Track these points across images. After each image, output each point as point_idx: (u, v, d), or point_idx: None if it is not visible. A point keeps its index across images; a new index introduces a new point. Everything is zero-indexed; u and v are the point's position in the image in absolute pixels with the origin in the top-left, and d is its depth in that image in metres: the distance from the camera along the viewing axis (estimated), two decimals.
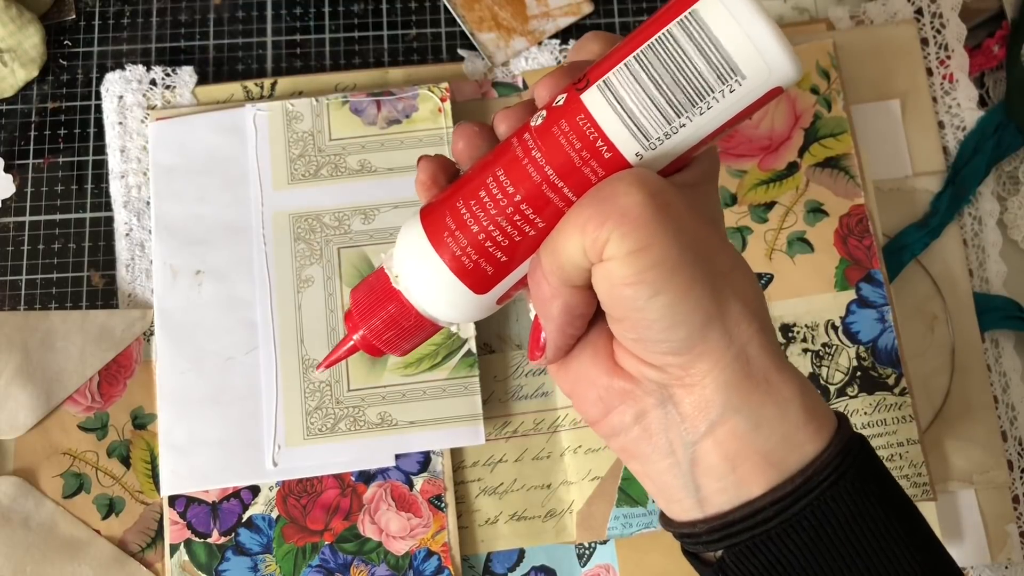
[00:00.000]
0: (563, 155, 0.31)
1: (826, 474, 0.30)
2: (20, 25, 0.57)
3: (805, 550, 0.30)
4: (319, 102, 0.56)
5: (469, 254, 0.33)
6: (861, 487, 0.30)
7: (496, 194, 0.32)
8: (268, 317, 0.54)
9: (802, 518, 0.30)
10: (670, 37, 0.31)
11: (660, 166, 0.32)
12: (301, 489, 0.52)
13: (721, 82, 0.30)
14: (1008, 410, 0.55)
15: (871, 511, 0.30)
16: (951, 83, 0.58)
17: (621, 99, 0.31)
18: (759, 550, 0.31)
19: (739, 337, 0.30)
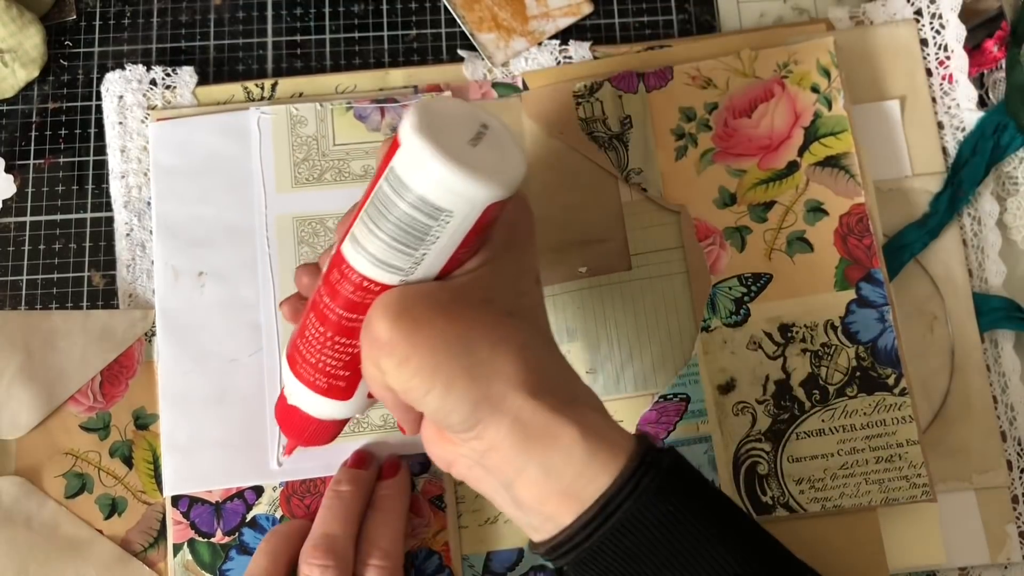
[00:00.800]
0: (344, 297, 0.38)
1: (623, 496, 0.36)
2: (21, 25, 0.57)
3: (626, 558, 0.36)
4: (323, 107, 0.56)
5: (318, 378, 0.41)
6: (662, 497, 0.36)
7: (315, 333, 0.40)
8: (271, 319, 0.54)
9: (613, 534, 0.36)
10: (382, 192, 0.36)
11: (431, 276, 0.38)
12: (304, 489, 0.52)
13: (433, 220, 0.35)
14: (1007, 410, 0.55)
15: (678, 516, 0.36)
16: (950, 84, 0.58)
17: (364, 247, 0.37)
18: (588, 563, 0.37)
19: (509, 409, 0.36)
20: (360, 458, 0.51)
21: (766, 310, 0.54)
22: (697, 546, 0.36)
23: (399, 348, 0.36)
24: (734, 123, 0.56)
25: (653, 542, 0.36)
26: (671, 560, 0.36)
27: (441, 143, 0.35)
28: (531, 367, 0.37)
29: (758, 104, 0.56)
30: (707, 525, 0.36)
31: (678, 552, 0.36)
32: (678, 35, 0.61)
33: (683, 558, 0.36)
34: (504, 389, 0.36)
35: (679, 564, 0.36)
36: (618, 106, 0.56)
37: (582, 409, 0.37)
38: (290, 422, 0.45)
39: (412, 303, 0.37)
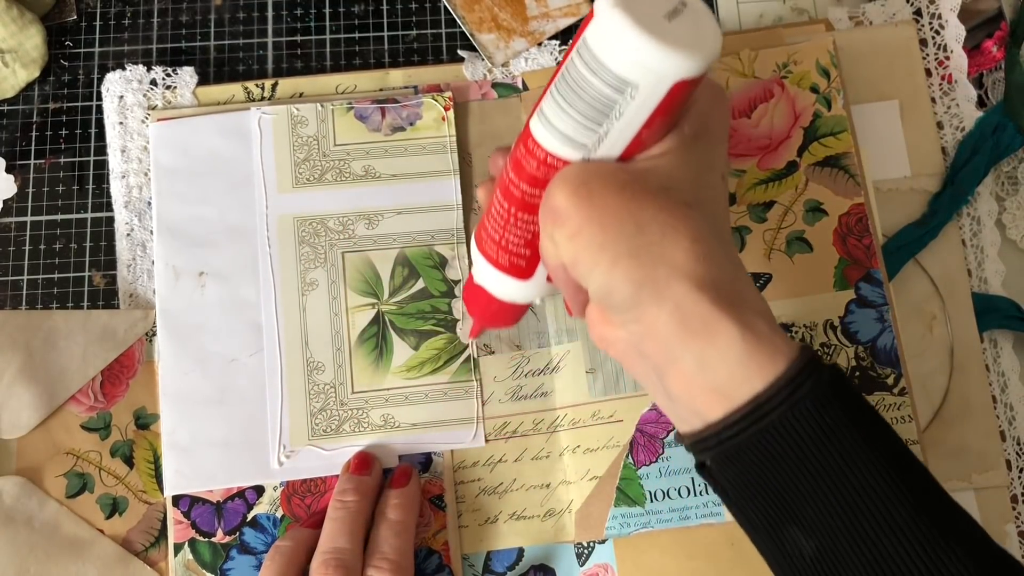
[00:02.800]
0: (528, 172, 0.39)
1: (777, 401, 0.35)
2: (21, 26, 0.57)
3: (771, 463, 0.35)
4: (324, 107, 0.56)
5: (500, 255, 0.42)
6: (818, 408, 0.35)
7: (500, 210, 0.41)
8: (272, 320, 0.54)
9: (761, 437, 0.35)
10: (572, 66, 0.36)
11: (613, 157, 0.37)
12: (305, 489, 0.52)
13: (620, 94, 0.35)
14: (1007, 410, 0.55)
15: (832, 430, 0.35)
16: (950, 84, 0.58)
17: (550, 121, 0.37)
18: (731, 461, 0.36)
19: (671, 297, 0.36)
20: (362, 461, 0.51)
21: None
22: (847, 464, 0.35)
23: (572, 219, 0.36)
24: (734, 123, 0.56)
25: (802, 452, 0.35)
26: (819, 473, 0.35)
27: (633, 13, 0.34)
28: (700, 258, 0.36)
29: (757, 104, 0.56)
30: (861, 444, 0.35)
31: (827, 466, 0.35)
32: None
33: (832, 473, 0.35)
34: (669, 275, 0.36)
35: (826, 478, 0.35)
36: None
37: (747, 310, 0.36)
38: (475, 302, 0.45)
39: (590, 177, 0.37)
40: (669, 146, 0.38)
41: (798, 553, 0.36)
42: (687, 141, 0.38)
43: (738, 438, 0.35)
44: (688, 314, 0.36)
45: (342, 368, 0.54)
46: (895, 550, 0.34)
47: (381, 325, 0.54)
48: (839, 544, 0.35)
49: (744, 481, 0.37)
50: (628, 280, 0.36)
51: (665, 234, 0.36)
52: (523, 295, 0.44)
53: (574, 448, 0.53)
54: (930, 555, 0.34)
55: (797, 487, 0.35)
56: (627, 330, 0.38)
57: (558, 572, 0.53)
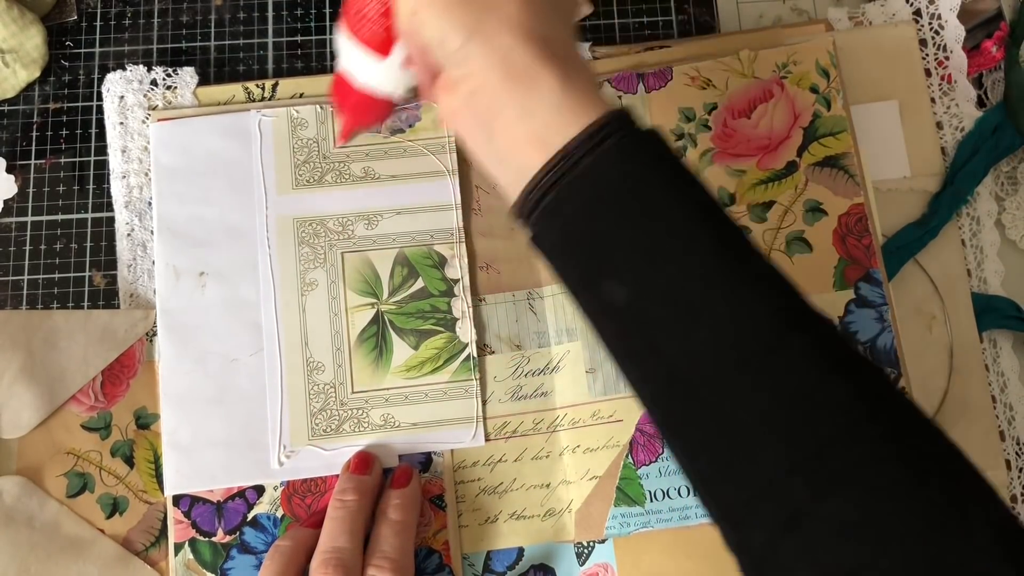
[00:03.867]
0: None
1: (588, 147, 0.36)
2: (22, 26, 0.57)
3: (586, 215, 0.36)
4: (324, 109, 0.56)
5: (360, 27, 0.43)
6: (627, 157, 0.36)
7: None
8: (272, 320, 0.54)
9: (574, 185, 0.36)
10: None
11: None
12: (306, 489, 0.53)
13: None
14: (1006, 410, 0.55)
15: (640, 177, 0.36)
16: (949, 84, 0.58)
17: None
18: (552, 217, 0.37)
19: (499, 45, 0.37)
20: (362, 461, 0.51)
21: None
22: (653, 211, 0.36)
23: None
24: (733, 123, 0.56)
25: (611, 200, 0.36)
26: (628, 222, 0.36)
27: None
28: (530, 12, 0.38)
29: (757, 104, 0.56)
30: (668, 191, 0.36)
31: (634, 214, 0.36)
32: (678, 35, 0.61)
33: (640, 221, 0.36)
34: (499, 25, 0.37)
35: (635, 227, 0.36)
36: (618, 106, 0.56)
37: (570, 66, 0.38)
38: (340, 94, 0.47)
39: None
40: None
41: (611, 304, 0.37)
42: None
43: (554, 189, 0.37)
44: (514, 63, 0.37)
45: (342, 368, 0.54)
46: (699, 292, 0.35)
47: (381, 325, 0.54)
48: (648, 290, 0.36)
49: (563, 238, 0.38)
50: (460, 26, 0.38)
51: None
52: (383, 79, 0.45)
53: (574, 448, 0.53)
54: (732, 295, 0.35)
55: (610, 238, 0.36)
56: (461, 89, 0.39)
57: (558, 572, 0.53)
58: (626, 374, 0.38)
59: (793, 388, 0.34)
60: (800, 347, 0.34)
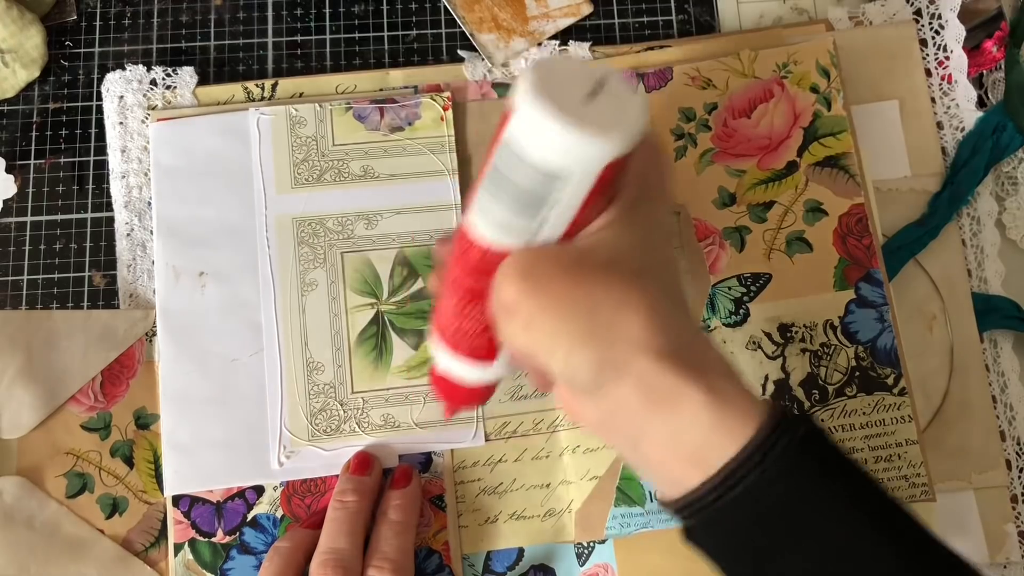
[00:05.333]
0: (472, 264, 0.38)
1: (750, 466, 0.35)
2: (21, 26, 0.57)
3: (751, 527, 0.35)
4: (322, 107, 0.56)
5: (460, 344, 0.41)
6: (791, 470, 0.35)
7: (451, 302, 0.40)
8: (272, 320, 0.54)
9: (739, 502, 0.35)
10: (501, 161, 0.35)
11: (556, 239, 0.37)
12: (305, 489, 0.52)
13: (550, 183, 0.34)
14: (1006, 410, 0.55)
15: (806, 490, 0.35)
16: (950, 84, 0.58)
17: (487, 214, 0.36)
18: (714, 525, 0.36)
19: (633, 372, 0.35)
20: (362, 461, 0.51)
21: (765, 310, 0.54)
22: (827, 523, 0.35)
23: (523, 310, 0.36)
24: (734, 123, 0.56)
25: (781, 513, 0.35)
26: (799, 533, 0.35)
27: (554, 103, 0.33)
28: (657, 329, 0.36)
29: (757, 104, 0.56)
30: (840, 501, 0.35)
31: (807, 527, 0.35)
32: (678, 35, 0.61)
33: (812, 533, 0.35)
34: (628, 352, 0.35)
35: (808, 538, 0.35)
36: None
37: (710, 374, 0.36)
38: (443, 388, 0.45)
39: (535, 265, 0.36)
40: (611, 217, 0.37)
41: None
42: (627, 208, 0.37)
43: (716, 504, 0.35)
44: (652, 387, 0.36)
45: (342, 368, 0.54)
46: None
47: (380, 325, 0.54)
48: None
49: (727, 545, 0.37)
50: (588, 363, 0.36)
51: (618, 310, 0.36)
52: (489, 378, 0.43)
53: (574, 448, 0.53)
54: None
55: (780, 548, 0.35)
56: (596, 407, 0.38)
57: (558, 572, 0.53)
58: None
59: None
60: None
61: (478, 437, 0.53)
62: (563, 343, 0.36)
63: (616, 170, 0.35)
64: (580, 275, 0.36)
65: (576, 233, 0.37)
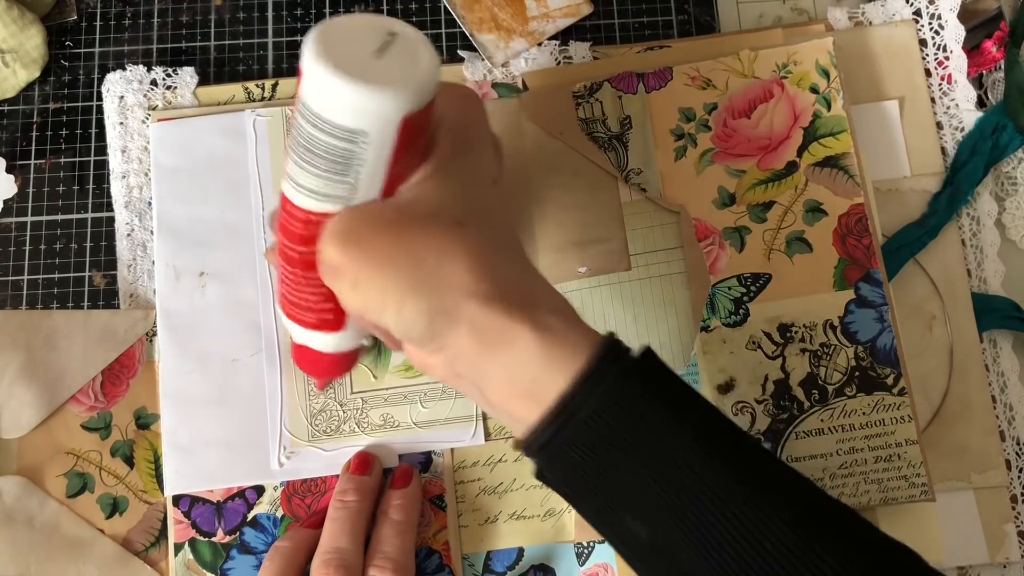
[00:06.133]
0: (297, 234, 0.38)
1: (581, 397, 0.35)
2: (22, 26, 0.57)
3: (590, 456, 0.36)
4: None
5: (306, 315, 0.42)
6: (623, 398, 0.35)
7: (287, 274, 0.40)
8: (272, 320, 0.54)
9: (575, 433, 0.36)
10: (298, 125, 0.35)
11: (374, 197, 0.37)
12: (305, 489, 0.53)
13: (352, 143, 0.35)
14: (1006, 410, 0.55)
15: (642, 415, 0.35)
16: (949, 84, 0.58)
17: (299, 182, 0.37)
18: (556, 460, 0.37)
19: (463, 318, 0.36)
20: (362, 461, 0.51)
21: (765, 310, 0.54)
22: (660, 444, 0.35)
23: (348, 271, 0.37)
24: (733, 123, 0.56)
25: (617, 441, 0.35)
26: (636, 459, 0.35)
27: (339, 63, 0.33)
28: (481, 274, 0.37)
29: (757, 104, 0.56)
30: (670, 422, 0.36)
31: (642, 451, 0.35)
32: (678, 36, 0.61)
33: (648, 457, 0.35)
34: (456, 299, 0.36)
35: (644, 463, 0.35)
36: (618, 107, 0.56)
37: (541, 312, 0.37)
38: (304, 360, 0.45)
39: (355, 225, 0.37)
40: (428, 171, 0.38)
41: (633, 537, 0.36)
42: (445, 158, 0.38)
43: (557, 438, 0.36)
44: (483, 330, 0.36)
45: None
46: (717, 519, 0.34)
47: None
48: (668, 523, 0.35)
49: (573, 477, 0.37)
50: (418, 314, 0.36)
51: (442, 260, 0.36)
52: (344, 343, 0.43)
53: None
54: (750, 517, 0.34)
55: (621, 476, 0.36)
56: (438, 357, 0.38)
57: (558, 572, 0.53)
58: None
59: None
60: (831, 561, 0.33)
61: (478, 436, 0.53)
62: (392, 298, 0.36)
63: (419, 123, 0.36)
64: (401, 229, 0.37)
65: (395, 190, 0.38)
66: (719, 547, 0.34)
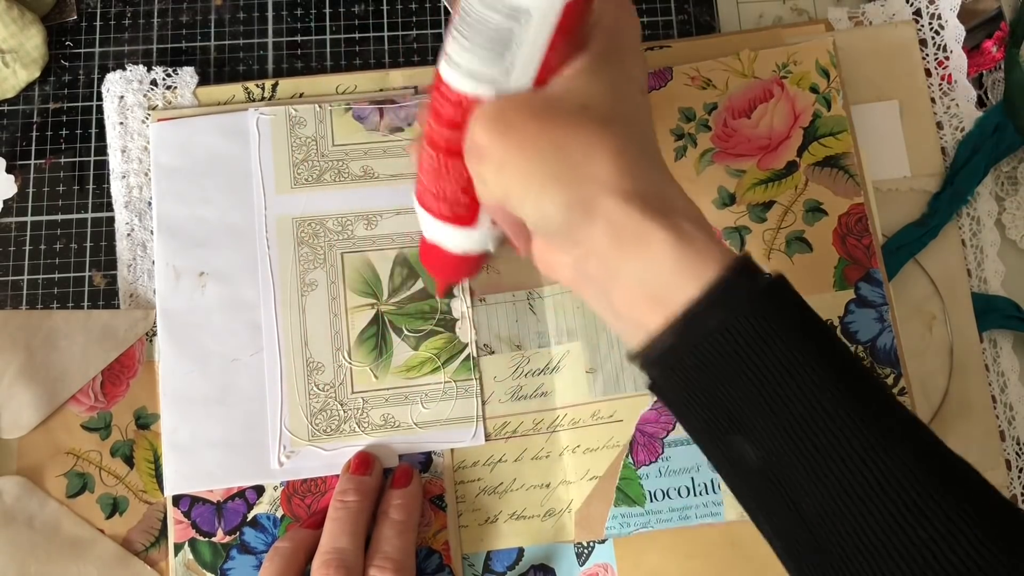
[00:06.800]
0: (446, 117, 0.39)
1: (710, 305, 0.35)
2: (22, 26, 0.57)
3: (710, 371, 0.35)
4: (322, 108, 0.56)
5: (441, 206, 0.42)
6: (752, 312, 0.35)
7: (430, 161, 0.41)
8: (272, 320, 0.54)
9: (699, 343, 0.35)
10: (467, 3, 0.37)
11: (526, 86, 0.38)
12: (306, 489, 0.53)
13: (515, 21, 0.36)
14: (1006, 410, 0.55)
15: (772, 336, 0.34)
16: (950, 84, 0.58)
17: (456, 61, 0.37)
18: (674, 372, 0.36)
19: (601, 213, 0.36)
20: (362, 461, 0.51)
21: None
22: (788, 370, 0.34)
23: (495, 153, 0.37)
24: (733, 123, 0.56)
25: (741, 359, 0.35)
26: (759, 380, 0.35)
27: None
28: (624, 171, 0.36)
29: (757, 104, 0.56)
30: (802, 350, 0.35)
31: (767, 374, 0.34)
32: (678, 35, 0.61)
33: (772, 380, 0.34)
34: (596, 192, 0.36)
35: (767, 386, 0.34)
36: None
37: (678, 217, 0.36)
38: (431, 259, 0.46)
39: (505, 109, 0.37)
40: (581, 66, 0.38)
41: (742, 460, 0.36)
42: (598, 58, 0.38)
43: (678, 346, 0.36)
44: (620, 227, 0.36)
45: (342, 368, 0.54)
46: (838, 456, 0.34)
47: (380, 325, 0.54)
48: (783, 452, 0.35)
49: (688, 390, 0.36)
50: (558, 203, 0.36)
51: (587, 152, 0.36)
52: (473, 243, 0.44)
53: (574, 448, 0.53)
54: (874, 460, 0.33)
55: (739, 395, 0.35)
56: (569, 254, 0.38)
57: (558, 572, 0.53)
58: (757, 524, 0.38)
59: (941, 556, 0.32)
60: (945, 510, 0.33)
61: (478, 436, 0.53)
62: (534, 184, 0.37)
63: (578, 11, 0.37)
64: (550, 119, 0.37)
65: (547, 80, 0.38)
66: (836, 484, 0.34)
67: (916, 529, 0.33)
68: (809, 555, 0.35)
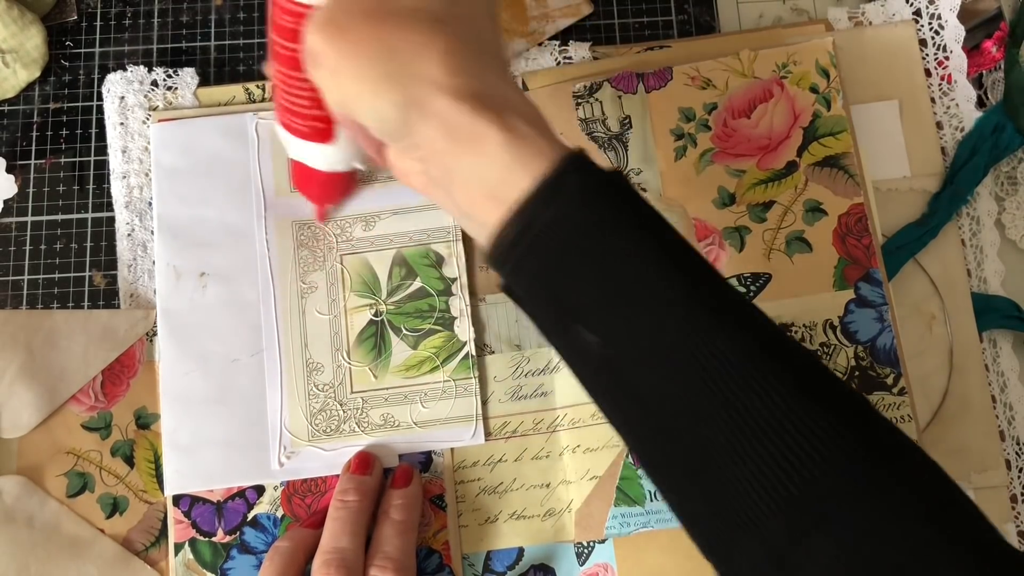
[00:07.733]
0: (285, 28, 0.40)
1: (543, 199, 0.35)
2: (22, 26, 0.57)
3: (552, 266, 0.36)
4: None
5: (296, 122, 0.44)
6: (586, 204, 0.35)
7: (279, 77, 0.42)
8: (272, 321, 0.54)
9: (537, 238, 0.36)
10: None
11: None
12: (306, 489, 0.53)
13: None
14: (1006, 410, 0.55)
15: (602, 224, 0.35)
16: (949, 84, 0.58)
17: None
18: (519, 272, 0.37)
19: (434, 112, 0.37)
20: (362, 461, 0.51)
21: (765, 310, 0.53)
22: (617, 255, 0.35)
23: (328, 57, 0.38)
24: (733, 123, 0.56)
25: (575, 248, 0.35)
26: (593, 268, 0.35)
27: None
28: (454, 70, 0.37)
29: (757, 104, 0.56)
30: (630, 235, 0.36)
31: (599, 260, 0.35)
32: (678, 35, 0.61)
33: (604, 267, 0.35)
34: (428, 91, 0.37)
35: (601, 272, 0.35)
36: (618, 106, 0.56)
37: (511, 116, 0.37)
38: (301, 182, 0.46)
39: (336, 13, 0.38)
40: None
41: (586, 351, 0.37)
42: None
43: (517, 242, 0.36)
44: (453, 125, 0.37)
45: (341, 368, 0.54)
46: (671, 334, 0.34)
47: (379, 325, 0.54)
48: (619, 336, 0.35)
49: (532, 286, 0.37)
50: (392, 103, 0.37)
51: (417, 52, 0.37)
52: (337, 159, 0.44)
53: (574, 448, 0.53)
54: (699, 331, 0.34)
55: (579, 286, 0.36)
56: (414, 156, 0.39)
57: (558, 572, 0.53)
58: (606, 415, 0.38)
59: (775, 424, 0.33)
60: (777, 382, 0.34)
61: (478, 435, 0.53)
62: (367, 86, 0.37)
63: None
64: (381, 20, 0.37)
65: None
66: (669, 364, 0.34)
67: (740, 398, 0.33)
68: (651, 437, 0.36)
